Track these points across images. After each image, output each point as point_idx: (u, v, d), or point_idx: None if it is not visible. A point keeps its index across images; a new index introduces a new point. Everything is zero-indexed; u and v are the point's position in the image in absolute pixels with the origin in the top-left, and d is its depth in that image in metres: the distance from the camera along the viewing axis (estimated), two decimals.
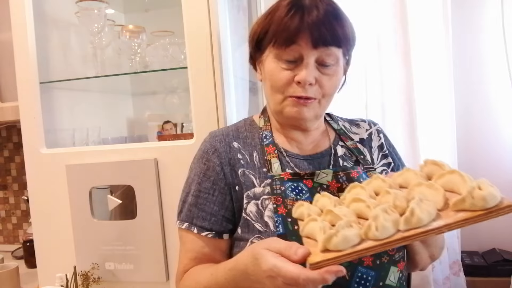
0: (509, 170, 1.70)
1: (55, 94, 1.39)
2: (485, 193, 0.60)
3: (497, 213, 0.60)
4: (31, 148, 1.30)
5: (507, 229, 1.70)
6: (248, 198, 0.86)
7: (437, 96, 1.61)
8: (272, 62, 0.85)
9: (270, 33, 0.84)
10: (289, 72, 0.83)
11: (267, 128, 0.94)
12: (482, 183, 0.62)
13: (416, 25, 1.58)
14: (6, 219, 2.08)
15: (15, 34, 1.28)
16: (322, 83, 0.84)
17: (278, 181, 0.84)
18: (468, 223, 0.62)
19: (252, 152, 0.91)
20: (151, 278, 1.21)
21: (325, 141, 0.95)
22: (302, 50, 0.81)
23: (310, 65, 0.81)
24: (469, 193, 0.61)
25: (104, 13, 1.35)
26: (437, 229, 0.61)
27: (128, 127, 1.75)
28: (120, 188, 1.24)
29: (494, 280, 1.55)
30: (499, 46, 1.67)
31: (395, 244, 0.62)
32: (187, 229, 0.88)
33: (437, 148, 1.61)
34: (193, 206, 0.89)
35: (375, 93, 1.63)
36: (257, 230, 0.82)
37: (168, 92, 1.71)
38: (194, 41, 1.15)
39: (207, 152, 0.91)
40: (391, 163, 0.96)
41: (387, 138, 1.01)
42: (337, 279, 0.75)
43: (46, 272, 1.30)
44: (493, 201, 0.60)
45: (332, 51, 0.82)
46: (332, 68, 0.84)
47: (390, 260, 0.79)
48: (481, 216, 0.60)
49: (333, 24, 0.81)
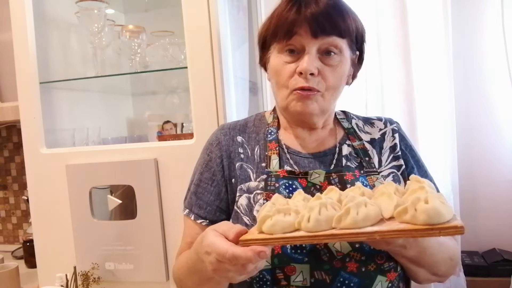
0: (509, 170, 1.70)
1: (55, 94, 1.39)
2: (429, 207, 0.57)
3: (440, 232, 0.56)
4: (31, 148, 1.30)
5: (507, 229, 1.70)
6: (240, 191, 0.87)
7: (437, 96, 1.60)
8: (276, 58, 0.86)
9: (272, 29, 0.85)
10: (292, 65, 0.84)
11: (274, 125, 0.95)
12: (432, 197, 0.58)
13: (416, 25, 1.58)
14: (6, 219, 2.08)
15: (15, 34, 1.28)
16: (325, 74, 0.83)
17: (274, 177, 0.85)
18: (404, 235, 0.59)
19: (254, 147, 0.92)
20: (151, 278, 1.21)
21: (331, 140, 0.94)
22: (302, 40, 0.82)
23: (311, 54, 0.81)
24: (413, 204, 0.58)
25: (104, 13, 1.35)
26: (368, 233, 0.59)
27: (128, 127, 1.75)
28: (120, 188, 1.24)
29: (494, 280, 1.55)
30: (499, 46, 1.67)
31: (322, 240, 0.61)
32: (187, 215, 0.92)
33: (437, 148, 1.61)
34: (193, 194, 0.92)
35: (375, 93, 1.63)
36: (245, 223, 0.84)
37: (168, 92, 1.71)
38: (194, 41, 1.15)
39: (212, 143, 0.94)
40: (402, 166, 0.91)
41: (404, 138, 0.96)
42: (317, 283, 0.76)
43: (46, 272, 1.30)
44: (437, 218, 0.56)
45: (334, 40, 0.82)
46: (335, 58, 0.83)
47: (378, 269, 0.78)
48: (419, 231, 0.57)
49: (333, 15, 0.81)
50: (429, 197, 0.58)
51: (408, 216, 0.58)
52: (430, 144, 1.61)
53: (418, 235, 0.59)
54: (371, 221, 0.61)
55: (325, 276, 0.77)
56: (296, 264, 0.77)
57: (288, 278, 0.77)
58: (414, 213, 0.58)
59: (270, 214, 0.64)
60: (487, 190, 1.71)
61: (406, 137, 0.97)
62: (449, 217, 0.57)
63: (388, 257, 0.78)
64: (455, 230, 0.56)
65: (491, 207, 1.72)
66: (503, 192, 1.70)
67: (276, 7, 0.87)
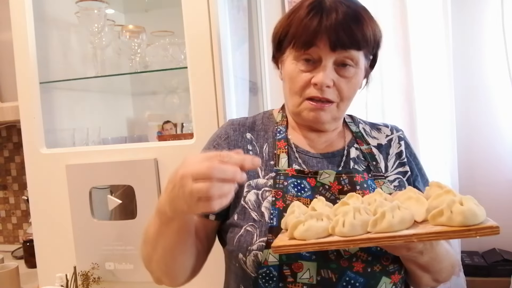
0: (509, 170, 1.70)
1: (55, 94, 1.39)
2: (465, 208, 0.57)
3: (476, 232, 0.56)
4: (31, 148, 1.30)
5: (507, 229, 1.69)
6: (249, 187, 0.87)
7: (437, 96, 1.60)
8: (291, 64, 0.86)
9: (290, 34, 0.85)
10: (307, 74, 0.84)
11: (283, 123, 0.95)
12: (466, 199, 0.59)
13: (416, 25, 1.58)
14: (6, 219, 2.08)
15: (15, 34, 1.28)
16: (340, 86, 0.84)
17: (283, 175, 0.85)
18: (442, 237, 0.59)
19: (263, 144, 0.92)
20: (151, 278, 1.21)
21: (340, 142, 0.94)
22: (320, 52, 0.82)
23: (327, 67, 0.82)
24: (448, 206, 0.58)
25: (104, 13, 1.35)
26: (405, 236, 0.59)
27: (128, 127, 1.75)
28: (120, 188, 1.24)
29: (494, 280, 1.55)
30: (499, 46, 1.67)
31: (358, 244, 0.61)
32: None
33: (437, 148, 1.61)
34: None
35: (375, 93, 1.63)
36: (252, 219, 0.83)
37: (168, 92, 1.71)
38: (194, 41, 1.15)
39: (220, 137, 0.94)
40: (407, 172, 0.92)
41: (409, 146, 0.98)
42: (324, 281, 0.76)
43: (46, 272, 1.30)
44: (473, 219, 0.57)
45: (351, 53, 0.82)
46: (351, 70, 0.84)
47: (383, 270, 0.78)
48: (456, 232, 0.57)
49: (352, 27, 0.80)
50: (464, 198, 0.59)
51: (444, 218, 0.59)
52: (430, 144, 1.61)
53: (455, 236, 0.59)
54: (406, 224, 0.61)
55: (332, 274, 0.77)
56: (303, 262, 0.77)
57: (295, 275, 0.77)
58: (450, 215, 0.58)
59: (302, 220, 0.64)
60: (487, 190, 1.71)
61: (410, 145, 0.99)
62: (483, 218, 0.58)
63: (394, 259, 0.78)
64: (491, 230, 0.56)
65: (491, 207, 1.70)
66: (503, 192, 1.70)
67: (297, 7, 0.86)
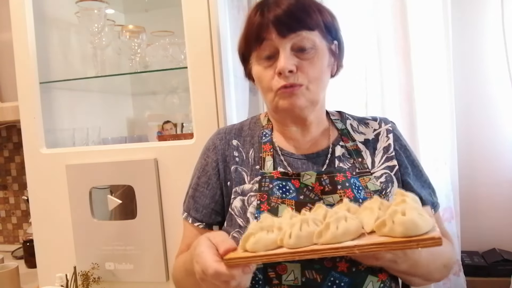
0: (510, 170, 1.70)
1: (55, 94, 1.39)
2: (406, 219, 0.56)
3: (418, 244, 0.55)
4: (31, 148, 1.30)
5: (507, 229, 1.70)
6: (235, 194, 0.89)
7: (437, 96, 1.60)
8: (256, 66, 0.88)
9: (246, 40, 0.88)
10: (271, 69, 0.85)
11: (268, 127, 0.96)
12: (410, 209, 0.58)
13: (416, 25, 1.57)
14: (6, 219, 2.08)
15: (15, 34, 1.28)
16: (304, 68, 0.84)
17: (268, 178, 0.86)
18: (384, 248, 0.58)
19: (249, 149, 0.93)
20: (151, 278, 1.21)
21: (324, 141, 0.93)
22: (273, 43, 0.83)
23: (285, 54, 0.83)
24: (390, 217, 0.58)
25: (104, 13, 1.35)
26: (347, 248, 0.59)
27: (128, 127, 1.75)
28: (120, 188, 1.24)
29: (494, 280, 1.55)
30: (499, 46, 1.67)
31: (303, 256, 0.61)
32: (185, 219, 0.95)
33: (437, 148, 1.60)
34: (191, 198, 0.95)
35: (375, 93, 1.63)
36: (238, 225, 0.85)
37: (168, 92, 1.71)
38: (194, 41, 1.15)
39: (208, 149, 0.96)
40: (395, 166, 0.90)
41: (399, 138, 0.95)
42: (309, 282, 0.77)
43: (46, 272, 1.30)
44: (414, 230, 0.56)
45: (304, 35, 0.83)
46: (310, 52, 0.84)
47: (368, 269, 0.78)
48: (398, 244, 0.56)
49: (295, 12, 0.82)
50: (407, 208, 0.58)
51: (386, 228, 0.58)
52: (430, 144, 1.60)
53: (396, 248, 0.58)
54: (351, 235, 0.60)
55: (316, 275, 0.77)
56: (287, 264, 0.77)
57: (279, 277, 0.78)
58: (392, 225, 0.58)
59: (253, 232, 0.65)
60: (487, 190, 1.71)
61: (401, 137, 0.97)
62: (427, 228, 0.57)
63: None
64: (433, 241, 0.55)
65: (491, 207, 1.72)
66: (503, 192, 1.70)
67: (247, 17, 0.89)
